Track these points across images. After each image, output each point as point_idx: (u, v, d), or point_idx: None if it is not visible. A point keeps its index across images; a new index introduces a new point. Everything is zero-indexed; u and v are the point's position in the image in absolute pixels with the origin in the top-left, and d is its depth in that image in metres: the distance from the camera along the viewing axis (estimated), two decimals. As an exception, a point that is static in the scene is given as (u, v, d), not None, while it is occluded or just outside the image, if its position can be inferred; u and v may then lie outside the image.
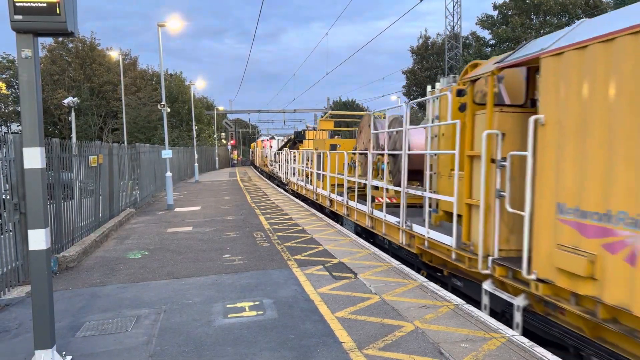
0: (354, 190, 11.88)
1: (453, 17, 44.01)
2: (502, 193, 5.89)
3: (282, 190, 23.88)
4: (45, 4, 4.07)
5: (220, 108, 67.74)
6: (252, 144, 73.42)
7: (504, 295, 5.89)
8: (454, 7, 43.76)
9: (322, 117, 24.80)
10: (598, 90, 4.51)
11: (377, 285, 6.97)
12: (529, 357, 4.55)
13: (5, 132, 47.98)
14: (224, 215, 15.02)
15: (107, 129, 51.77)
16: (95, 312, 6.17)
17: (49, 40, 51.68)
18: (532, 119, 5.32)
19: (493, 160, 6.08)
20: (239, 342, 5.10)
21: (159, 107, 19.47)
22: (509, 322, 5.79)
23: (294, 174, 22.64)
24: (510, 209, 5.70)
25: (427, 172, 8.16)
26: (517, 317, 5.62)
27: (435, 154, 8.13)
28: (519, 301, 5.61)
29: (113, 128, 51.54)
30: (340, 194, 13.44)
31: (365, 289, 6.79)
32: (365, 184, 10.85)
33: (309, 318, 5.72)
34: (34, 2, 4.06)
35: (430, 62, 49.70)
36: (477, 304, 6.45)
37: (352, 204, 12.11)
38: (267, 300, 6.41)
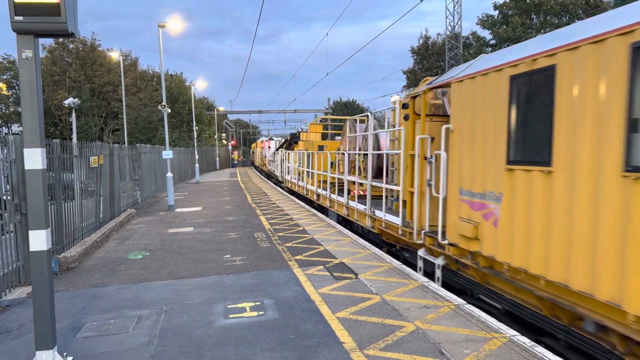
0: (337, 186, 14.01)
1: (453, 17, 43.99)
2: (430, 182, 7.71)
3: (282, 191, 23.87)
4: (46, 5, 4.07)
5: (221, 108, 67.73)
6: (253, 145, 73.58)
7: (430, 258, 7.82)
8: (454, 7, 43.73)
9: (321, 117, 28.23)
10: (479, 109, 6.41)
11: (378, 285, 6.97)
12: (529, 357, 4.55)
13: (6, 133, 48.03)
14: (225, 215, 15.02)
15: (108, 130, 51.82)
16: (96, 313, 6.17)
17: (49, 41, 51.78)
18: (444, 127, 7.24)
19: (425, 158, 7.89)
20: (240, 342, 5.10)
21: (159, 107, 19.48)
22: (433, 278, 7.62)
23: (288, 172, 24.29)
24: (434, 194, 7.48)
25: (389, 168, 10.03)
26: (438, 273, 7.54)
27: (395, 154, 9.57)
28: (439, 261, 7.53)
29: (114, 129, 51.58)
30: (325, 189, 15.23)
31: (366, 289, 6.79)
32: (345, 180, 12.88)
33: (310, 318, 5.72)
34: (34, 3, 4.06)
35: (430, 62, 49.70)
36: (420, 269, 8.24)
37: (333, 196, 14.19)
38: (268, 301, 6.42)
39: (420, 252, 8.12)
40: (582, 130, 4.70)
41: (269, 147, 41.37)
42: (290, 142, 27.55)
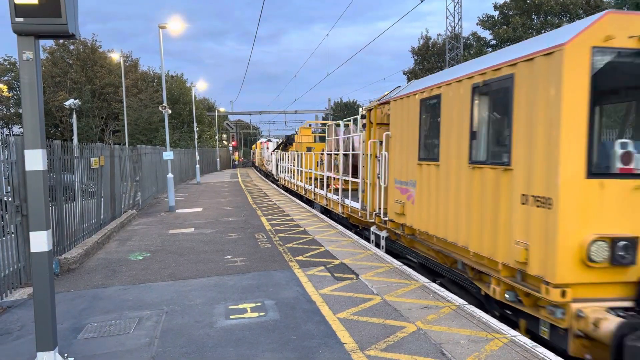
0: (320, 181, 16.74)
1: (454, 18, 43.97)
2: (379, 176, 9.98)
3: (283, 191, 23.91)
4: (46, 6, 4.07)
5: (222, 109, 67.77)
6: (253, 145, 73.75)
7: (377, 232, 10.36)
8: (454, 7, 43.71)
9: (309, 122, 32.05)
10: (405, 121, 8.79)
11: (379, 286, 6.96)
12: (531, 357, 4.54)
13: (6, 135, 48.09)
14: (226, 216, 15.03)
15: (109, 131, 51.85)
16: (97, 314, 6.17)
17: (50, 43, 51.84)
18: (385, 134, 9.77)
19: (376, 157, 10.39)
20: (241, 343, 5.10)
21: (160, 108, 19.49)
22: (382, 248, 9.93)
23: (282, 171, 27.02)
24: (381, 184, 9.84)
25: (359, 166, 11.88)
26: (382, 243, 10.03)
27: (360, 154, 11.90)
28: (383, 234, 10.02)
29: (114, 130, 51.62)
30: (312, 184, 17.79)
31: (367, 290, 6.78)
32: (328, 177, 15.52)
33: (311, 319, 5.72)
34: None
35: (431, 63, 49.65)
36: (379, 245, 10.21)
37: (317, 190, 16.85)
38: (269, 302, 6.41)
39: (372, 228, 10.70)
40: (452, 138, 7.00)
41: (267, 148, 43.16)
42: (286, 144, 29.25)
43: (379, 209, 10.01)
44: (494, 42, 44.48)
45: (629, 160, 5.07)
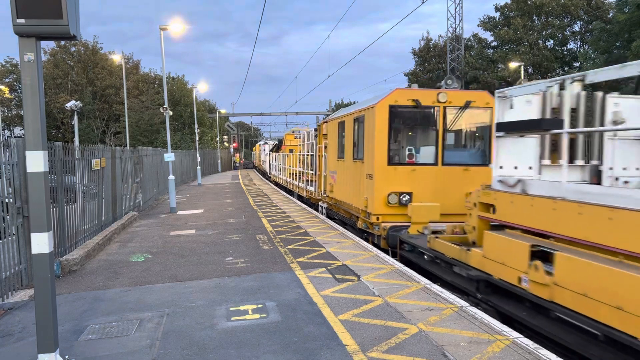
0: (296, 175, 22.65)
1: (455, 19, 43.96)
2: (323, 168, 15.16)
3: (284, 193, 23.93)
4: (48, 8, 4.07)
5: (223, 111, 67.81)
6: (254, 147, 74.06)
7: (322, 204, 15.73)
8: (455, 9, 43.71)
9: (292, 129, 38.93)
10: (333, 135, 14.17)
11: (381, 287, 6.95)
12: (532, 359, 4.53)
13: (8, 136, 48.14)
14: (227, 218, 15.02)
15: (110, 133, 51.90)
16: (98, 316, 6.16)
17: (51, 44, 51.93)
18: (324, 142, 15.41)
19: (322, 156, 15.63)
20: (243, 345, 5.09)
21: (161, 110, 19.50)
22: (326, 217, 14.39)
23: (273, 169, 33.71)
24: (323, 174, 15.08)
25: (316, 163, 17.39)
26: (323, 211, 15.52)
27: (317, 155, 17.20)
28: (324, 205, 15.39)
29: (116, 131, 51.66)
30: (292, 178, 24.08)
31: (368, 292, 6.77)
32: (300, 171, 21.25)
33: (312, 321, 5.71)
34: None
35: (432, 64, 49.64)
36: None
37: (294, 182, 23.03)
38: (270, 303, 6.40)
39: (320, 203, 16.39)
40: (348, 146, 12.29)
41: (264, 150, 48.95)
42: (278, 147, 34.16)
43: (323, 190, 15.50)
44: (495, 43, 44.46)
45: (411, 157, 10.46)
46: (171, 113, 20.20)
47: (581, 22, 40.55)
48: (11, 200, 7.20)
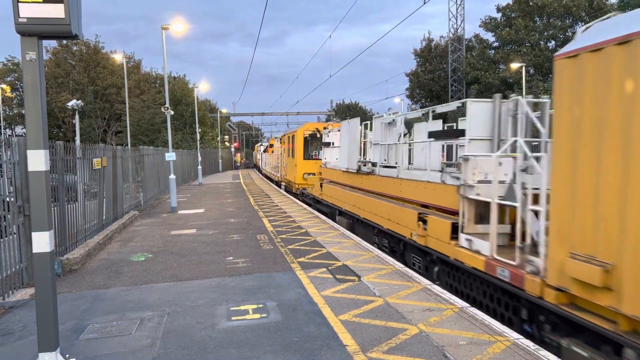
0: (274, 168, 33.86)
1: (456, 20, 43.98)
2: (284, 164, 28.41)
3: (285, 193, 23.98)
4: (50, 7, 4.07)
5: (224, 111, 67.80)
6: (255, 147, 74.38)
7: (282, 183, 28.76)
8: (457, 9, 43.74)
9: (275, 136, 46.88)
10: (284, 145, 28.47)
11: (381, 288, 6.95)
12: (534, 360, 4.52)
13: (9, 135, 48.16)
14: (228, 217, 15.03)
15: (111, 132, 51.94)
16: (99, 315, 6.17)
17: (53, 44, 51.95)
18: (281, 147, 30.44)
19: (281, 156, 30.36)
20: (243, 345, 5.09)
21: (162, 109, 19.51)
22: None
23: (264, 165, 47.79)
24: (284, 167, 28.53)
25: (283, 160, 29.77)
26: (283, 187, 27.86)
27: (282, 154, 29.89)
28: (283, 184, 28.20)
29: (117, 131, 51.70)
30: (273, 170, 34.73)
31: (369, 292, 6.77)
32: (274, 165, 33.94)
33: (313, 321, 5.70)
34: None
35: (433, 65, 49.58)
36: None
37: (272, 172, 35.01)
38: (270, 303, 6.40)
39: (282, 183, 27.95)
40: (289, 150, 25.38)
41: (260, 150, 57.78)
42: (266, 149, 44.68)
43: (282, 176, 26.85)
44: (496, 44, 44.42)
45: (314, 156, 22.42)
46: (172, 112, 20.20)
47: (583, 23, 40.50)
48: (12, 199, 7.21)
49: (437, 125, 9.68)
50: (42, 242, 4.38)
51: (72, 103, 23.81)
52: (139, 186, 17.55)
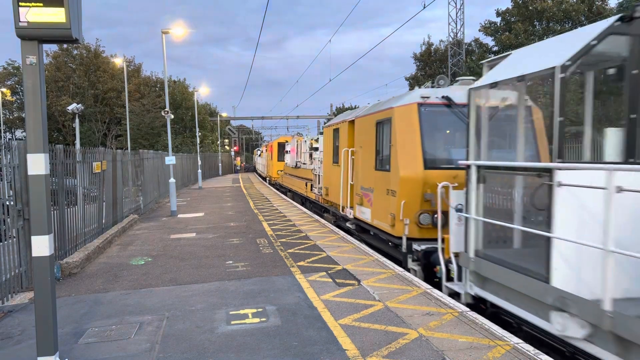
0: (262, 166, 46.96)
1: (456, 24, 44.08)
2: (266, 163, 42.99)
3: (285, 197, 23.95)
4: (50, 11, 4.09)
5: (224, 114, 67.90)
6: (255, 151, 74.78)
7: (268, 179, 39.52)
8: (457, 14, 43.84)
9: (265, 142, 58.07)
10: (267, 150, 42.24)
11: (381, 292, 6.94)
12: (534, 365, 4.51)
13: (9, 139, 48.10)
14: (227, 221, 15.02)
15: (111, 135, 51.97)
16: (98, 319, 6.15)
17: (53, 47, 52.04)
18: (266, 152, 45.57)
19: (267, 158, 42.76)
20: (242, 349, 5.08)
21: (162, 113, 19.54)
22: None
23: (258, 165, 55.73)
24: (268, 164, 40.84)
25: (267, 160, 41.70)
26: (268, 181, 38.56)
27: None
28: (268, 179, 38.69)
29: (117, 134, 51.73)
30: (263, 168, 46.08)
31: (368, 296, 6.76)
32: (264, 164, 44.56)
33: (313, 325, 5.69)
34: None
35: (433, 69, 49.69)
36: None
37: (263, 170, 45.45)
38: (270, 307, 6.39)
39: (268, 179, 38.60)
40: (270, 154, 39.19)
41: (258, 154, 63.58)
42: (260, 152, 53.18)
43: (267, 172, 38.11)
44: (496, 48, 44.50)
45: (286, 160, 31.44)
46: (172, 116, 20.21)
47: (582, 28, 40.53)
48: (12, 203, 7.21)
49: (319, 142, 17.88)
50: (41, 245, 4.37)
51: (73, 107, 23.85)
52: (138, 190, 17.55)
